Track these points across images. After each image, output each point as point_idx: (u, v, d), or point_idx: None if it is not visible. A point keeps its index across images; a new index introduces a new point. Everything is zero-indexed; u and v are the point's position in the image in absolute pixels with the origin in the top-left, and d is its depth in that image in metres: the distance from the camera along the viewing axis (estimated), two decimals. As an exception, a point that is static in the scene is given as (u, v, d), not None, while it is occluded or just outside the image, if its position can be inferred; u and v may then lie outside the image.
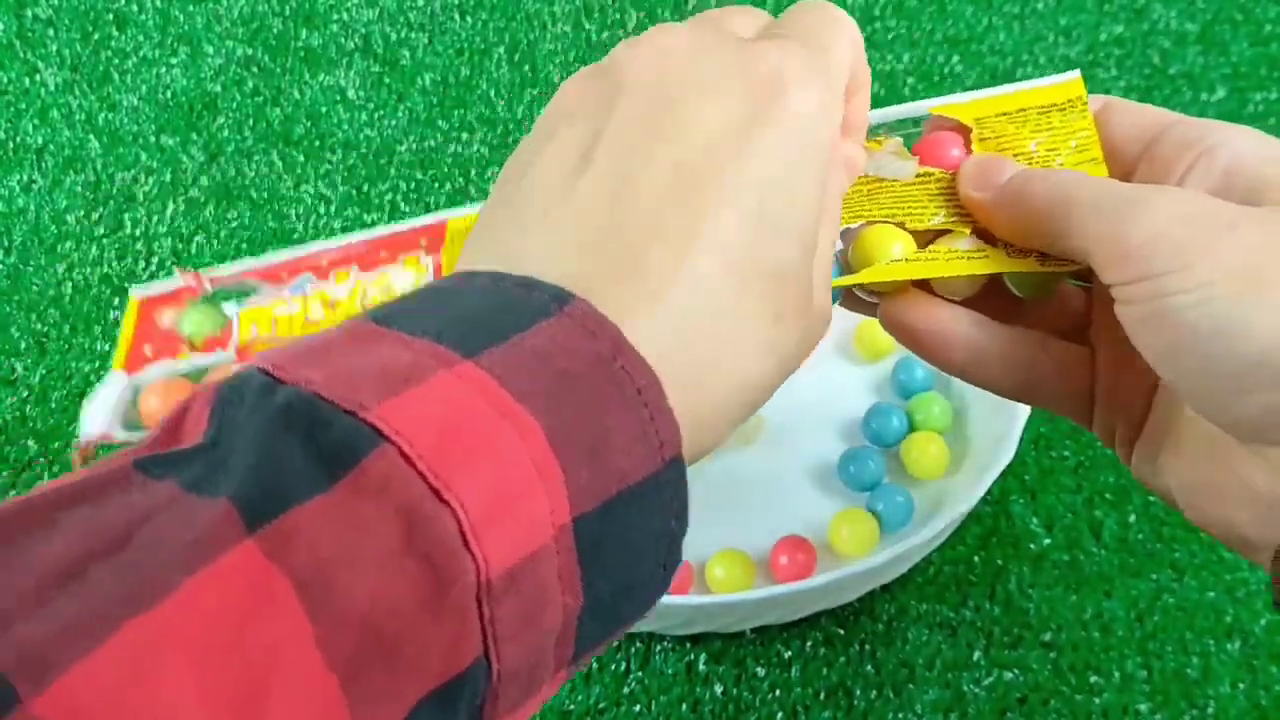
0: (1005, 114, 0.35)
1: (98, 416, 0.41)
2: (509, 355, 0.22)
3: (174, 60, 0.67)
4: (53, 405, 0.52)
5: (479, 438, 0.20)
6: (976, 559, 0.47)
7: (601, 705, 0.44)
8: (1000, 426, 0.45)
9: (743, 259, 0.25)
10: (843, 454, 0.48)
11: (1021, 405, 0.45)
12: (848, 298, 0.35)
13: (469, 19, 0.69)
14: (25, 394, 0.53)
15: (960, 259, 0.33)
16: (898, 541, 0.42)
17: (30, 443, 0.51)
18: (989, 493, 0.48)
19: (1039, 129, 0.35)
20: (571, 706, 0.43)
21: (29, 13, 0.69)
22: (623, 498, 0.22)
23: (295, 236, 0.59)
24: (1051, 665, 0.44)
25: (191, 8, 0.69)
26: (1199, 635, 0.45)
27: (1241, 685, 0.44)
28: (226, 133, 0.63)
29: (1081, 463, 0.50)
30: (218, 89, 0.66)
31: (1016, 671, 0.44)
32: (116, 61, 0.67)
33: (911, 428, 0.49)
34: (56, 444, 0.51)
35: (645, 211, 0.25)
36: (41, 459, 0.50)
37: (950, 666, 0.44)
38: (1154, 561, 0.47)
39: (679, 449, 0.23)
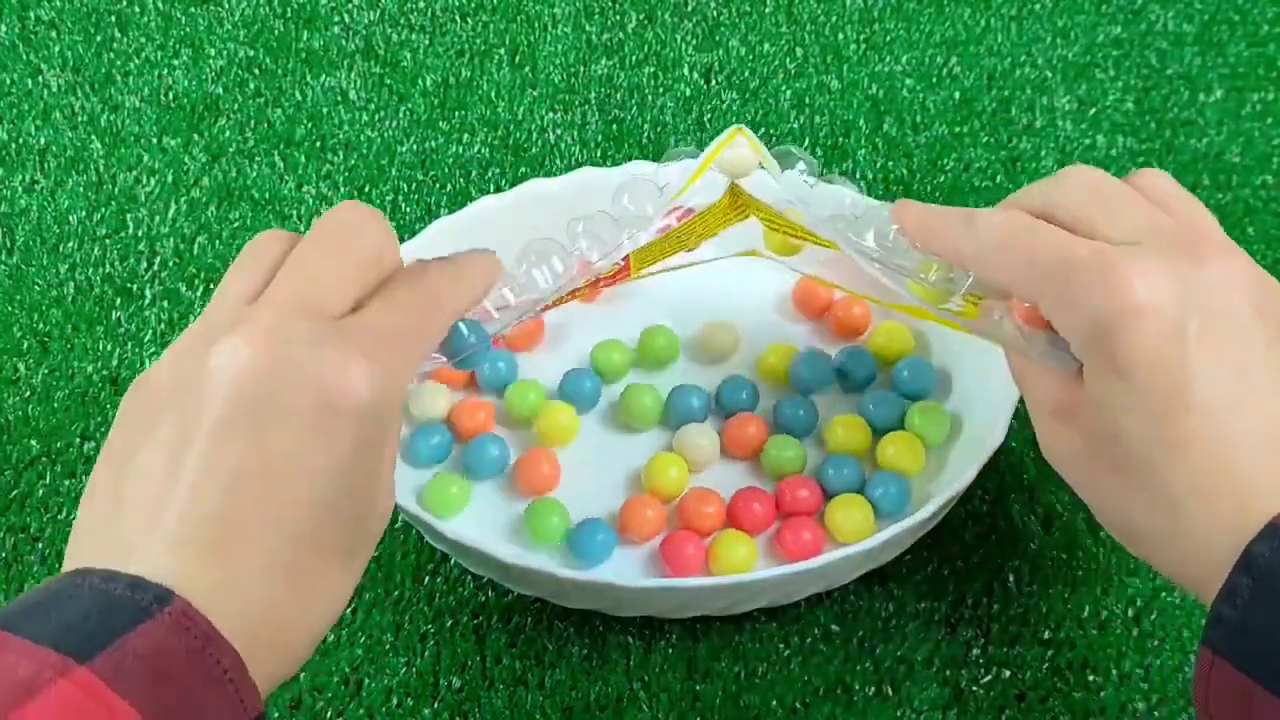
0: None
1: None
2: (116, 658, 0.27)
3: (176, 62, 0.67)
4: (55, 405, 0.52)
5: None
6: (975, 557, 0.47)
7: (602, 702, 0.44)
8: (993, 408, 0.46)
9: (312, 541, 0.31)
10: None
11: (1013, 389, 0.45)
12: None
13: (470, 21, 0.70)
14: (27, 394, 0.53)
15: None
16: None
17: (33, 443, 0.51)
18: (987, 491, 0.49)
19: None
20: (572, 704, 0.44)
21: (31, 14, 0.70)
22: None
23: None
24: (1049, 663, 0.44)
25: (193, 10, 0.70)
26: (1196, 633, 0.45)
27: (1238, 682, 0.44)
28: (228, 134, 0.64)
29: (1079, 462, 0.50)
30: (219, 90, 0.66)
31: (1015, 669, 0.44)
32: (119, 63, 0.67)
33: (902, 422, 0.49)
34: (59, 443, 0.51)
35: (230, 506, 0.30)
36: (44, 458, 0.50)
37: (949, 664, 0.44)
38: (1151, 560, 0.47)
39: (260, 708, 0.30)
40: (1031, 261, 0.36)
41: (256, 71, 0.67)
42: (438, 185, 0.61)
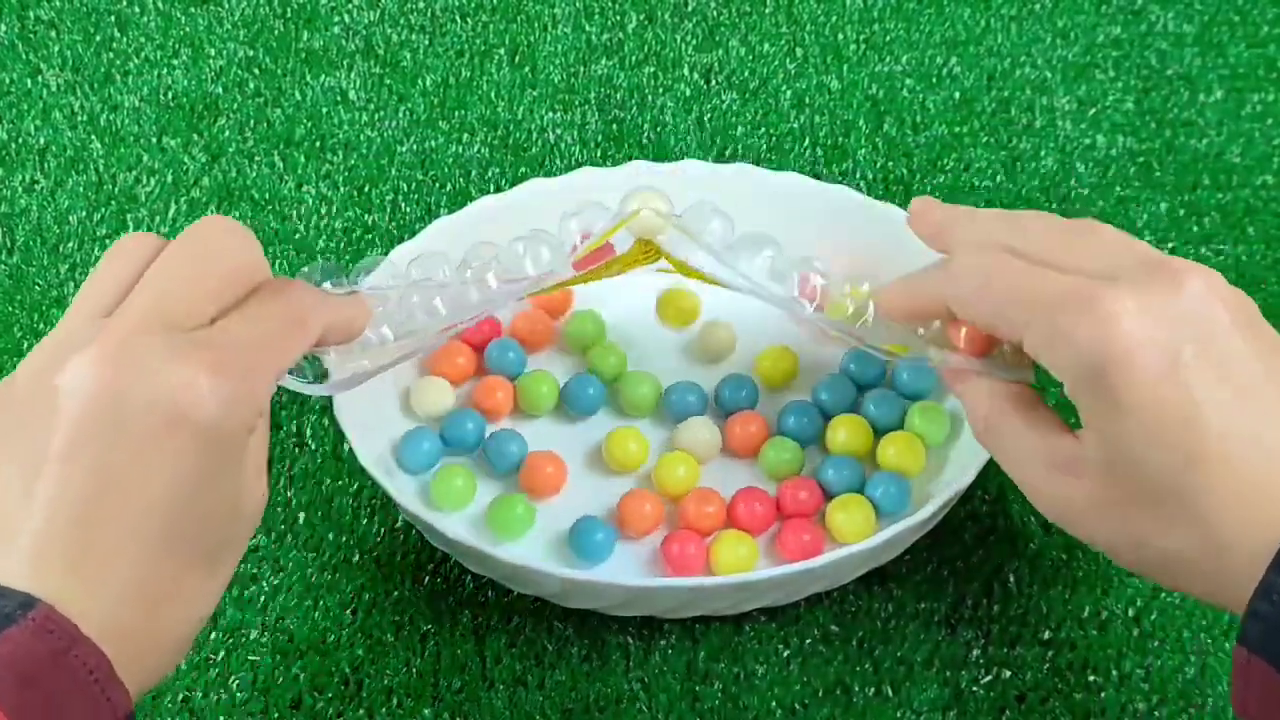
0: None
1: None
2: None
3: (175, 62, 0.67)
4: (55, 405, 0.52)
5: None
6: (975, 557, 0.47)
7: (601, 703, 0.44)
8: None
9: (169, 551, 0.32)
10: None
11: None
12: None
13: (470, 20, 0.70)
14: (28, 394, 0.53)
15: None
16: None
17: (33, 442, 0.51)
18: (987, 491, 0.49)
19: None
20: (571, 705, 0.44)
21: (31, 14, 0.70)
22: None
23: (297, 237, 0.59)
24: (1049, 664, 0.44)
25: (193, 9, 0.70)
26: (1196, 634, 0.45)
27: (1238, 683, 0.44)
28: (228, 134, 0.64)
29: (1079, 462, 0.50)
30: (219, 90, 0.66)
31: (1015, 670, 0.44)
32: (118, 63, 0.67)
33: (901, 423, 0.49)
34: (59, 443, 0.51)
35: (83, 526, 0.31)
36: (44, 458, 0.50)
37: (948, 665, 0.44)
38: (1151, 560, 0.47)
39: (129, 706, 0.31)
40: (1014, 300, 0.36)
41: (256, 71, 0.67)
42: (438, 185, 0.61)
